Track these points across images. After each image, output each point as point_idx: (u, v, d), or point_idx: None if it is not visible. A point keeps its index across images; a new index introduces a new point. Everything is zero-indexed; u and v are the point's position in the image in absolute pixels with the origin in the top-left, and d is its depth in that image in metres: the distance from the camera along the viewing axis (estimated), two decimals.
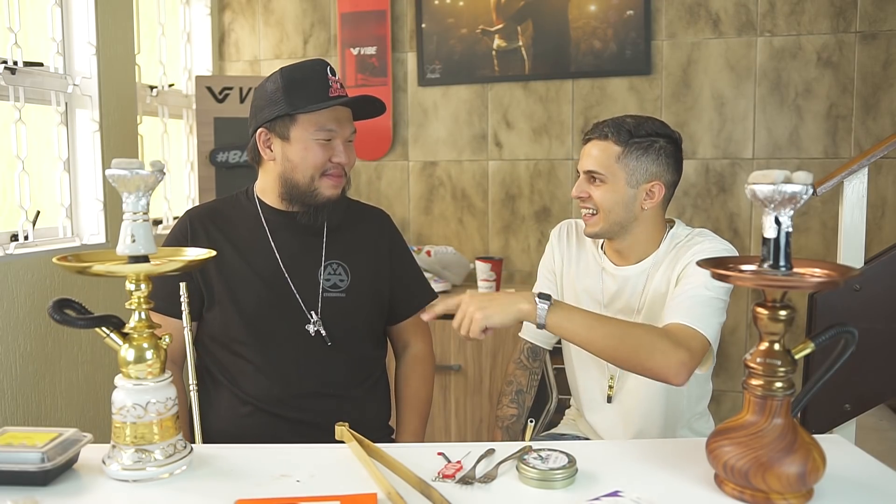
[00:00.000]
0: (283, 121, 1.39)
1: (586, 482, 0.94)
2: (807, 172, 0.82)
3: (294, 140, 1.39)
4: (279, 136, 1.40)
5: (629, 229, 1.44)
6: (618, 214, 1.42)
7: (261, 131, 1.42)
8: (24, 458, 0.91)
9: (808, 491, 0.88)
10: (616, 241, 1.47)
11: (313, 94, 1.37)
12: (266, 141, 1.42)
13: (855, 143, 2.62)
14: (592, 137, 1.45)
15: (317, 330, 1.41)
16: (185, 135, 2.98)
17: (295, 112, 1.37)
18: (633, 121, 1.43)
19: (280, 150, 1.41)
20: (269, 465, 1.00)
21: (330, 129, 1.39)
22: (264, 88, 1.42)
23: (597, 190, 1.42)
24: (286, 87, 1.38)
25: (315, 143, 1.38)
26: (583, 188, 1.45)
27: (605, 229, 1.44)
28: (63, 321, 0.93)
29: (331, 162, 1.40)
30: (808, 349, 0.91)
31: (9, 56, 2.05)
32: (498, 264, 2.55)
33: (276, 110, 1.38)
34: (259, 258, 1.44)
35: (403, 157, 3.04)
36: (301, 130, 1.38)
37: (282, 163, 1.41)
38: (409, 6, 2.95)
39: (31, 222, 2.13)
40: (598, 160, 1.42)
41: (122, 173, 0.91)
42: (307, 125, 1.38)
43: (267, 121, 1.40)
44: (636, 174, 1.41)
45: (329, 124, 1.39)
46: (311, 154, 1.39)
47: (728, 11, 2.69)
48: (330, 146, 1.40)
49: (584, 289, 1.53)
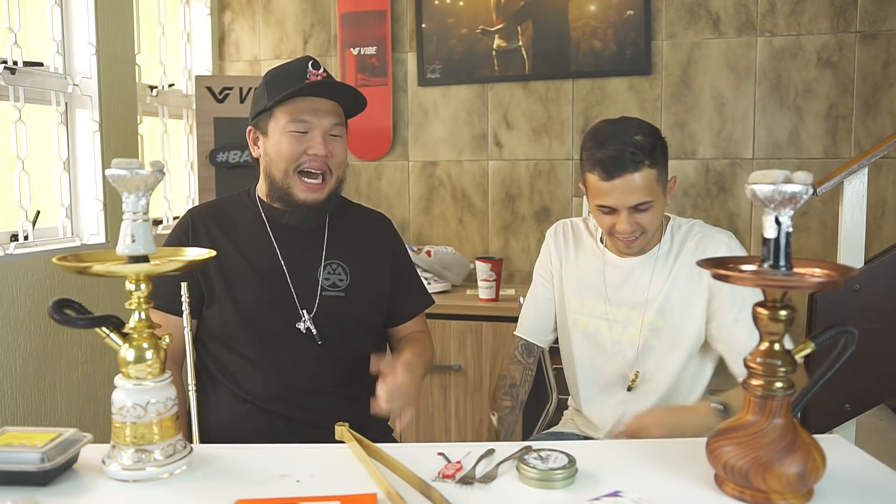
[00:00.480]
0: (263, 116, 1.41)
1: (586, 482, 0.94)
2: (807, 172, 0.82)
3: (270, 133, 1.40)
4: (261, 131, 1.42)
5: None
6: (656, 225, 1.43)
7: (249, 129, 1.46)
8: (24, 458, 0.91)
9: (808, 491, 0.88)
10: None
11: (288, 85, 1.36)
12: (254, 139, 1.45)
13: (855, 143, 2.62)
14: (624, 173, 1.34)
15: (307, 328, 1.41)
16: (185, 135, 2.98)
17: (271, 105, 1.37)
18: (642, 135, 1.36)
19: (263, 146, 1.43)
20: (269, 465, 1.00)
21: (303, 121, 1.37)
22: (258, 87, 1.45)
23: (646, 216, 1.39)
24: (267, 82, 1.40)
25: (288, 134, 1.37)
26: (633, 221, 1.38)
27: (646, 244, 1.46)
28: (63, 321, 0.93)
29: (307, 154, 1.37)
30: (808, 349, 0.91)
31: (9, 56, 2.06)
32: (498, 264, 2.55)
33: (259, 106, 1.41)
34: (259, 256, 1.44)
35: (403, 157, 3.04)
36: (275, 123, 1.39)
37: (263, 159, 1.44)
38: (409, 6, 2.95)
39: (31, 222, 2.13)
40: (644, 190, 1.35)
41: (122, 173, 0.90)
42: (280, 117, 1.37)
43: (252, 118, 1.43)
44: (665, 182, 1.41)
45: (303, 115, 1.37)
46: (283, 146, 1.37)
47: (728, 11, 2.69)
48: (306, 138, 1.37)
49: (587, 285, 1.54)
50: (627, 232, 1.40)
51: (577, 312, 1.56)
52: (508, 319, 2.48)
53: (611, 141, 1.36)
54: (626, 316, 1.50)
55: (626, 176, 1.34)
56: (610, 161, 1.35)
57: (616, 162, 1.34)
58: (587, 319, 1.54)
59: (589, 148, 1.39)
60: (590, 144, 1.39)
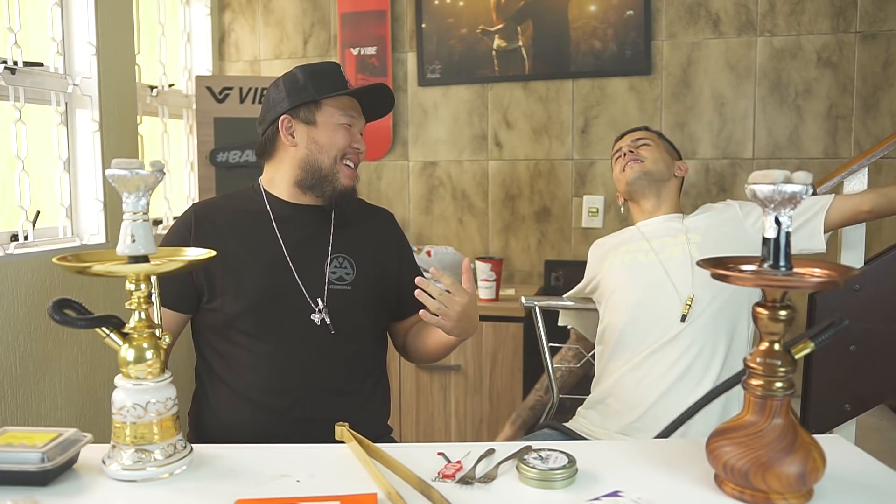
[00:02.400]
0: (307, 107, 1.47)
1: (586, 482, 0.94)
2: (807, 172, 0.82)
3: (321, 124, 1.47)
4: (304, 121, 1.48)
5: (662, 186, 1.76)
6: (661, 166, 1.75)
7: (284, 118, 1.47)
8: (24, 458, 0.91)
9: (808, 491, 0.88)
10: (649, 198, 1.75)
11: (335, 83, 1.48)
12: (289, 128, 1.48)
13: (855, 143, 2.62)
14: (631, 132, 1.84)
15: (322, 318, 1.42)
16: (185, 135, 2.98)
17: (321, 97, 1.46)
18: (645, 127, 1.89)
19: (305, 135, 1.47)
20: (269, 465, 1.00)
21: (352, 115, 1.49)
22: (284, 83, 1.50)
23: (644, 150, 1.77)
24: (309, 77, 1.48)
25: (340, 126, 1.48)
26: (635, 148, 1.77)
27: (647, 168, 1.73)
28: (63, 321, 0.93)
29: (351, 147, 1.49)
30: (808, 349, 0.91)
31: (9, 56, 2.05)
32: (498, 264, 2.55)
33: (301, 98, 1.46)
34: (264, 249, 1.45)
35: (403, 157, 3.04)
36: (327, 115, 1.47)
37: (307, 146, 1.47)
38: (409, 6, 2.95)
39: (31, 222, 2.13)
40: (645, 136, 1.80)
41: (122, 173, 0.91)
42: (333, 110, 1.48)
43: (290, 108, 1.47)
44: (669, 152, 1.81)
45: (351, 111, 1.49)
46: (338, 136, 1.47)
47: (728, 11, 2.69)
48: (351, 132, 1.49)
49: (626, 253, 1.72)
50: (629, 154, 1.75)
51: (619, 262, 1.73)
52: (508, 319, 2.48)
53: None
54: (664, 243, 1.68)
55: (632, 132, 1.85)
56: (625, 131, 1.89)
57: (628, 131, 1.87)
58: (631, 257, 1.71)
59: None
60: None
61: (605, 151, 2.82)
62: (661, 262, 1.65)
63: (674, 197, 1.79)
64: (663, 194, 1.76)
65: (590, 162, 2.85)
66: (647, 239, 1.71)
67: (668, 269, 1.63)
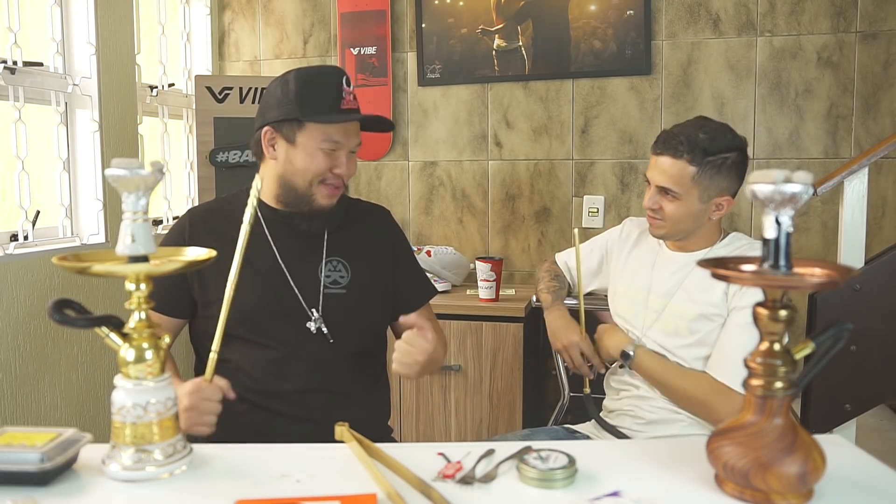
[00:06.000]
0: (290, 124, 1.39)
1: (586, 482, 0.94)
2: (807, 172, 0.82)
3: (300, 145, 1.40)
4: (285, 137, 1.40)
5: (692, 233, 1.54)
6: (686, 225, 1.51)
7: (266, 129, 1.42)
8: (23, 458, 0.91)
9: (808, 491, 0.88)
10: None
11: (325, 103, 1.37)
12: (271, 140, 1.42)
13: (855, 143, 2.62)
14: (666, 153, 1.46)
15: (318, 327, 1.42)
16: (185, 135, 2.98)
17: (304, 119, 1.37)
18: (706, 137, 1.44)
19: (283, 152, 1.41)
20: (269, 465, 1.00)
21: (336, 141, 1.40)
22: (277, 87, 1.42)
23: (669, 204, 1.48)
24: (299, 90, 1.38)
25: (320, 151, 1.39)
26: (656, 200, 1.50)
27: (670, 233, 1.54)
28: (63, 321, 0.93)
29: (331, 172, 1.41)
30: (808, 349, 0.91)
31: (9, 56, 2.06)
32: (498, 264, 2.55)
33: (286, 112, 1.38)
34: (258, 256, 1.44)
35: (403, 157, 3.04)
36: (308, 137, 1.39)
37: (283, 164, 1.42)
38: (409, 6, 2.95)
39: (31, 222, 2.13)
40: (672, 178, 1.45)
41: (122, 173, 0.90)
42: (315, 133, 1.38)
43: (275, 121, 1.40)
44: (709, 191, 1.46)
45: (336, 136, 1.40)
46: (314, 162, 1.39)
47: (728, 11, 2.68)
48: (333, 156, 1.41)
49: (634, 266, 1.65)
50: (648, 206, 1.51)
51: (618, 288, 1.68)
52: (508, 319, 2.48)
53: (680, 126, 1.49)
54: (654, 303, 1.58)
55: (665, 157, 1.46)
56: (662, 137, 1.49)
57: (665, 142, 1.47)
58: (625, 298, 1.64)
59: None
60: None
61: (606, 151, 2.82)
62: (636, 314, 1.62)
63: (706, 234, 1.56)
64: (691, 237, 1.57)
65: (590, 162, 2.85)
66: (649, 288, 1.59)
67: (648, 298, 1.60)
